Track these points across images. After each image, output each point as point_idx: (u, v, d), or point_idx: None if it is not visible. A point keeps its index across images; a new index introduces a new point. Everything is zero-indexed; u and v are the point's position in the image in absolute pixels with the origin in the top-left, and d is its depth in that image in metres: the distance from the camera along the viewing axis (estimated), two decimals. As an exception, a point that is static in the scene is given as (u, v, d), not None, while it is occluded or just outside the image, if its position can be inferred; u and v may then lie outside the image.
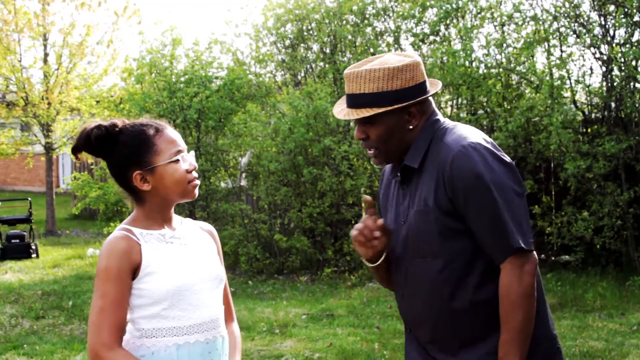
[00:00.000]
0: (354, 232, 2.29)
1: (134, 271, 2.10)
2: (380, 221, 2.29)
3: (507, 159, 2.22)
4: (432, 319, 2.27)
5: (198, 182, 2.23)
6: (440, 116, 2.33)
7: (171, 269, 2.14)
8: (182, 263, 2.18)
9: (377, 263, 2.34)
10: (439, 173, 2.20)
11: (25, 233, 11.14)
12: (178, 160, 2.16)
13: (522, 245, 2.14)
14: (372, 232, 2.26)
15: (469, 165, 2.16)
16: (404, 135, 2.28)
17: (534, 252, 2.20)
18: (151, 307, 2.11)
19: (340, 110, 2.32)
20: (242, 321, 6.72)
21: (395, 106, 2.22)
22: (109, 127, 2.16)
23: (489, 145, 2.21)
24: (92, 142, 2.15)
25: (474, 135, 2.24)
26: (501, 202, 2.14)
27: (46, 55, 13.66)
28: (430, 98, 2.33)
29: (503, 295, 2.15)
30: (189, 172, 2.18)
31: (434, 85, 2.33)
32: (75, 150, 2.18)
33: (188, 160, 2.19)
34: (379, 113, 2.23)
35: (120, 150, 2.16)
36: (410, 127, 2.28)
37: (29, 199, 12.58)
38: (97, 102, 13.11)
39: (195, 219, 10.26)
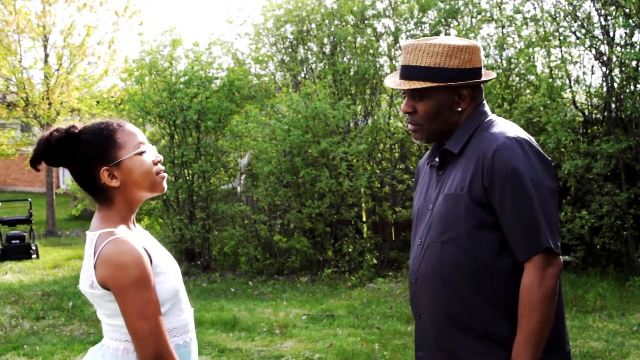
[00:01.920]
0: None
1: None
2: None
3: (547, 157, 2.22)
4: (442, 305, 2.24)
5: (165, 174, 2.18)
6: (488, 108, 2.34)
7: (171, 268, 2.14)
8: (173, 263, 2.19)
9: None
10: (478, 161, 2.19)
11: (25, 234, 11.15)
12: (143, 152, 2.12)
13: (551, 245, 2.13)
14: None
15: (511, 158, 2.15)
16: (451, 116, 2.28)
17: (560, 257, 2.17)
18: None
19: (393, 81, 2.33)
20: (243, 322, 6.73)
21: (449, 84, 2.22)
22: (68, 129, 2.10)
23: (533, 143, 2.22)
24: (52, 146, 2.07)
25: (520, 131, 2.25)
26: (537, 199, 2.13)
27: (47, 55, 13.66)
28: (482, 88, 2.35)
29: (523, 294, 2.12)
30: (155, 163, 2.15)
31: (487, 75, 2.34)
32: (35, 161, 2.10)
33: (152, 153, 2.16)
34: (431, 88, 2.23)
35: (82, 149, 2.09)
36: (459, 109, 2.28)
37: (29, 199, 12.58)
38: (97, 102, 13.11)
39: (195, 219, 10.20)
